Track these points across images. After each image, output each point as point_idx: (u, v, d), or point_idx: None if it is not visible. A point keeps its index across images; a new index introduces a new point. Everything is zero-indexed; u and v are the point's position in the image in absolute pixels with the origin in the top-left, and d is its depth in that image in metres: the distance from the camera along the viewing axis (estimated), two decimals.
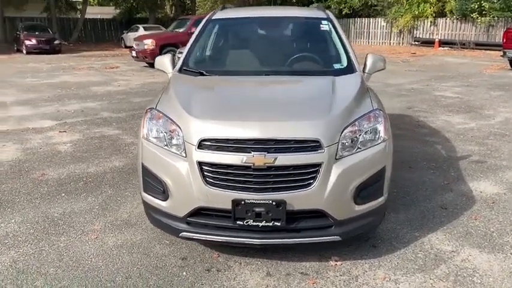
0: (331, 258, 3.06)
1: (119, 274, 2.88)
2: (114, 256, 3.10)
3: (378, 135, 2.90)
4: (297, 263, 3.02)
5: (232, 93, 3.36)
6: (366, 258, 3.08)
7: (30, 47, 22.11)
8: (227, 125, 2.73)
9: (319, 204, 2.69)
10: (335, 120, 2.76)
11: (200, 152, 2.69)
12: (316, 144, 2.65)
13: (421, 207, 3.90)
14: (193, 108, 2.90)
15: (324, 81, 3.31)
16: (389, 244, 3.27)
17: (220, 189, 2.67)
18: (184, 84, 3.47)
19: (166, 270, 2.92)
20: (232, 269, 2.94)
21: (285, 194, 2.64)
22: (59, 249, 3.18)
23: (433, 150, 5.60)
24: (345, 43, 3.78)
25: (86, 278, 2.83)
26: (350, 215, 2.80)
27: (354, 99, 3.03)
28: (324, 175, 2.66)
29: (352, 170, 2.74)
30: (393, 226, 3.55)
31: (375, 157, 2.86)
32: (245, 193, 2.64)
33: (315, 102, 3.01)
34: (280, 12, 4.50)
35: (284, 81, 3.48)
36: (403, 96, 9.81)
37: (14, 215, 3.73)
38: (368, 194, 2.85)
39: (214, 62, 3.93)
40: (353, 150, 2.79)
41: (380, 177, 2.89)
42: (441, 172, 4.80)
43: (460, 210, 3.84)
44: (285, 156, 2.62)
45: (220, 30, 4.20)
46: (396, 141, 5.88)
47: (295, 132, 2.66)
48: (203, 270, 2.93)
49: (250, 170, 2.63)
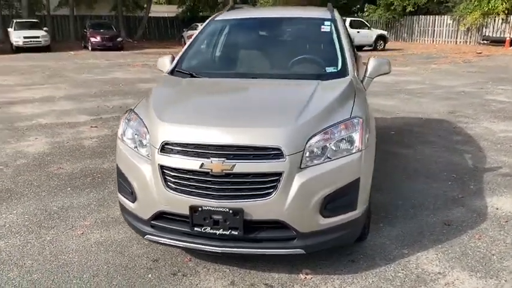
0: (302, 270, 2.94)
1: (88, 271, 2.94)
2: (91, 253, 3.17)
3: (352, 145, 2.73)
4: (265, 273, 2.92)
5: (207, 97, 3.31)
6: (340, 274, 2.92)
7: (94, 44, 23.34)
8: (188, 129, 2.69)
9: (280, 215, 2.58)
10: (301, 127, 2.63)
11: (162, 155, 2.67)
12: (277, 152, 2.54)
13: (421, 222, 3.64)
14: (162, 111, 2.90)
15: (305, 87, 3.16)
16: (370, 260, 3.08)
17: (180, 194, 2.64)
18: (166, 87, 3.48)
19: (134, 271, 2.94)
20: (199, 275, 2.91)
21: (243, 202, 2.56)
22: (44, 243, 3.31)
23: (459, 160, 5.21)
24: (343, 46, 3.59)
25: (56, 273, 2.92)
26: (315, 228, 2.65)
27: (330, 105, 2.88)
28: (285, 185, 2.54)
29: (317, 181, 2.60)
30: (382, 241, 3.34)
31: (347, 168, 2.69)
32: (203, 199, 2.59)
33: (285, 108, 2.89)
34: (285, 13, 4.38)
35: (266, 85, 3.37)
36: (450, 99, 9.23)
37: (17, 206, 3.94)
38: (337, 206, 2.69)
39: (206, 63, 3.89)
40: (321, 159, 2.64)
41: (353, 190, 2.72)
42: (459, 184, 4.46)
43: (465, 228, 3.54)
44: (243, 163, 2.54)
45: (219, 31, 4.16)
46: (421, 149, 5.60)
47: (256, 139, 2.56)
48: (169, 274, 2.92)
49: (208, 176, 2.57)
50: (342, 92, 3.07)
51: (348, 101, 2.99)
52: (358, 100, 3.08)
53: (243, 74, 3.54)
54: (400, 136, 6.31)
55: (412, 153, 5.48)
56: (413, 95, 9.84)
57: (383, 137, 6.19)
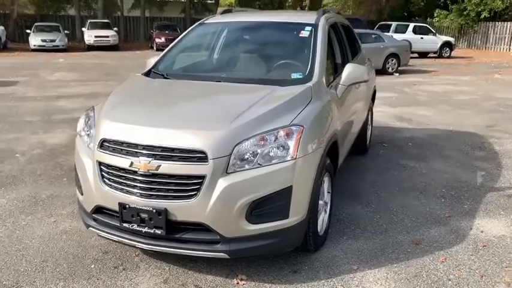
0: (238, 276, 2.92)
1: (40, 256, 3.13)
2: (53, 240, 3.37)
3: (286, 153, 2.68)
4: (202, 274, 2.94)
5: (159, 98, 3.37)
6: (275, 283, 2.87)
7: (159, 44, 24.36)
8: (123, 127, 2.78)
9: (202, 218, 2.59)
10: (229, 132, 2.62)
11: (100, 152, 2.79)
12: (201, 155, 2.56)
13: (389, 239, 3.46)
14: (109, 110, 3.02)
15: (259, 92, 3.13)
16: (314, 273, 2.99)
17: (112, 190, 2.74)
18: (128, 86, 3.61)
19: (80, 261, 3.09)
20: (138, 270, 2.99)
21: (166, 202, 2.61)
22: (16, 227, 3.56)
23: (468, 177, 4.86)
24: (316, 51, 3.50)
25: (12, 255, 3.14)
26: (241, 234, 2.64)
27: (272, 111, 2.83)
28: (208, 188, 2.55)
29: (242, 186, 2.58)
30: (336, 254, 3.23)
31: (277, 175, 2.64)
32: (131, 197, 2.67)
33: (222, 112, 2.88)
34: (271, 17, 4.32)
35: (221, 89, 3.37)
36: (495, 112, 8.61)
37: (12, 192, 4.27)
38: (265, 213, 2.65)
39: (180, 65, 3.96)
40: (251, 165, 2.62)
41: (283, 198, 2.66)
42: (453, 203, 4.17)
43: (433, 249, 3.32)
44: (168, 164, 2.58)
45: (202, 34, 4.23)
46: (433, 163, 5.29)
47: (181, 141, 2.60)
48: (111, 267, 3.03)
49: (136, 175, 2.65)
50: (291, 98, 3.01)
51: (295, 108, 2.92)
52: (310, 108, 3.00)
53: (209, 77, 3.58)
54: (417, 148, 6.00)
55: (420, 167, 5.20)
56: (456, 106, 9.28)
57: (398, 148, 5.94)
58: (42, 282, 2.84)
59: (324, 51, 3.55)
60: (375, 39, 14.96)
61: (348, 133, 4.05)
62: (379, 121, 7.65)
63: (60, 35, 23.26)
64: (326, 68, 3.52)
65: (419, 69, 16.76)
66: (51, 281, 2.84)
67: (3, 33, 23.86)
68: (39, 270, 2.96)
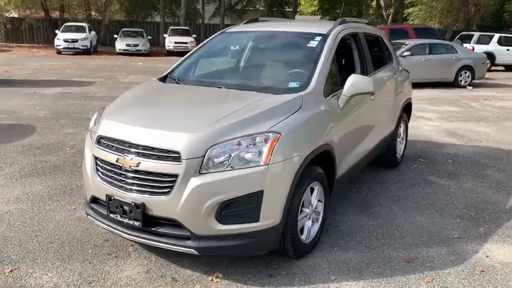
0: (215, 273, 3.05)
1: (49, 238, 3.48)
2: (66, 225, 3.72)
3: (259, 158, 2.77)
4: (182, 268, 3.11)
5: (160, 100, 3.57)
6: (248, 284, 2.96)
7: None
8: (116, 126, 3.05)
9: (174, 214, 2.76)
10: (204, 135, 2.77)
11: (96, 147, 3.09)
12: (176, 155, 2.73)
13: (381, 254, 3.39)
14: (113, 109, 3.32)
15: (250, 98, 3.23)
16: (289, 279, 3.03)
17: (103, 183, 3.01)
18: (139, 89, 3.88)
19: (81, 245, 3.39)
20: (127, 259, 3.23)
21: (144, 197, 2.81)
22: (40, 211, 3.98)
23: (498, 200, 4.56)
24: (318, 61, 3.54)
25: (27, 234, 3.53)
26: (211, 232, 2.77)
27: (253, 118, 2.93)
28: (180, 186, 2.72)
29: (213, 186, 2.71)
30: (320, 263, 3.23)
31: (248, 179, 2.74)
32: (116, 190, 2.92)
33: (204, 116, 3.03)
34: (288, 27, 4.37)
35: (218, 95, 3.50)
36: None
37: (49, 180, 4.75)
38: (234, 215, 2.76)
39: (194, 71, 4.15)
40: (223, 167, 2.75)
41: (253, 201, 2.75)
42: (468, 224, 3.96)
43: (424, 269, 3.20)
44: (147, 162, 2.79)
45: (221, 42, 4.41)
46: (465, 181, 5.06)
47: (159, 141, 2.79)
48: (106, 253, 3.30)
49: (122, 170, 2.90)
50: (277, 106, 3.09)
51: (279, 115, 2.99)
52: (295, 116, 3.06)
53: (214, 83, 3.74)
54: (455, 165, 5.71)
55: (449, 185, 4.96)
56: None
57: (434, 164, 5.69)
58: (42, 260, 3.17)
59: (327, 61, 3.57)
60: (447, 51, 14.24)
61: (356, 145, 4.00)
62: (427, 135, 7.37)
63: (143, 40, 24.86)
64: (328, 78, 3.54)
65: (498, 83, 15.67)
66: (50, 261, 3.17)
67: (95, 37, 26.00)
68: (44, 250, 3.31)
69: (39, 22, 30.40)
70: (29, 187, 4.53)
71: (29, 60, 19.53)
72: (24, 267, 3.08)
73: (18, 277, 2.97)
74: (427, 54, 13.75)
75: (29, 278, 2.96)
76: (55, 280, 2.94)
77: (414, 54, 13.65)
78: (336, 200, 4.36)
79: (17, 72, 14.57)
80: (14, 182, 4.68)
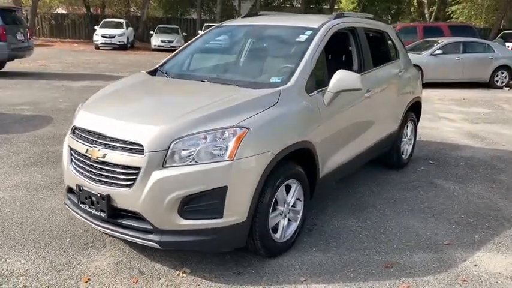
0: (183, 268, 3.03)
1: (33, 225, 3.55)
2: (52, 214, 3.78)
3: (224, 153, 2.71)
4: (152, 262, 3.10)
5: (134, 93, 3.55)
6: (214, 281, 2.91)
7: None
8: (89, 117, 3.07)
9: (137, 207, 2.75)
10: (168, 128, 2.73)
11: (71, 137, 3.12)
12: (139, 148, 2.71)
13: (360, 258, 3.26)
14: (89, 101, 3.35)
15: (226, 92, 3.16)
16: (256, 278, 2.96)
17: (75, 173, 3.04)
18: (123, 81, 3.88)
19: (61, 235, 3.44)
20: (101, 249, 3.25)
21: (109, 189, 2.82)
22: (33, 199, 4.08)
23: (505, 207, 4.30)
24: (304, 56, 3.43)
25: (13, 222, 3.61)
26: (173, 227, 2.73)
27: (223, 112, 2.87)
28: (143, 179, 2.70)
29: (175, 180, 2.67)
30: (293, 264, 3.14)
31: (212, 174, 2.69)
32: (85, 181, 2.94)
33: (172, 109, 3.00)
34: (281, 21, 4.26)
35: (195, 88, 3.44)
36: None
37: (50, 169, 4.87)
38: (197, 210, 2.72)
39: (185, 65, 4.11)
40: (187, 161, 2.71)
41: (216, 196, 2.70)
42: (464, 231, 3.75)
43: (401, 275, 3.05)
44: (112, 153, 2.79)
45: (216, 36, 4.35)
46: (473, 186, 4.82)
47: (124, 133, 2.78)
48: (83, 243, 3.34)
49: (91, 161, 2.91)
50: (250, 100, 3.02)
51: (251, 110, 2.92)
52: (269, 111, 2.97)
53: (198, 77, 3.70)
54: (467, 169, 5.43)
55: (454, 189, 4.72)
56: None
57: (445, 167, 5.45)
58: (20, 247, 3.24)
59: (313, 56, 3.46)
60: (483, 49, 13.62)
61: (346, 143, 3.86)
62: (445, 137, 7.06)
63: (178, 37, 25.23)
64: (314, 74, 3.43)
65: None
66: (27, 248, 3.24)
67: (132, 33, 26.63)
68: (24, 237, 3.39)
69: (81, 18, 31.46)
70: (29, 176, 4.66)
71: (67, 54, 20.26)
72: (0, 253, 3.15)
73: None
74: (460, 53, 13.21)
75: (2, 264, 3.02)
76: (26, 267, 3.00)
77: (447, 52, 13.15)
78: (328, 200, 4.25)
79: (52, 66, 15.12)
80: (17, 170, 4.82)
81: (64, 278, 2.89)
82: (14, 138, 5.97)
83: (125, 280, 2.90)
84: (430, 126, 7.79)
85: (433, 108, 9.77)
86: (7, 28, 11.47)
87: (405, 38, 16.63)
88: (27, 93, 9.45)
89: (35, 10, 29.11)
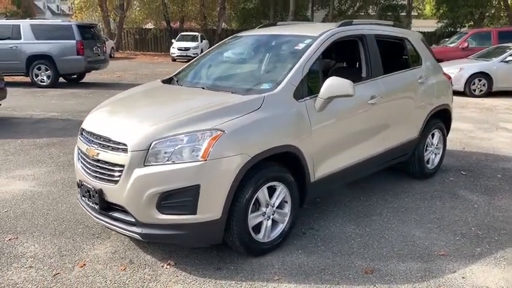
0: (169, 260, 3.27)
1: (39, 214, 4.01)
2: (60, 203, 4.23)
3: (197, 153, 2.92)
4: (144, 254, 3.38)
5: (139, 99, 3.86)
6: (193, 274, 3.10)
7: None
8: (93, 120, 3.45)
9: (121, 201, 3.04)
10: (149, 130, 3.00)
11: (79, 138, 3.52)
12: (124, 147, 3.01)
13: (343, 262, 3.28)
14: (99, 106, 3.73)
15: (215, 98, 3.39)
16: (233, 274, 3.12)
17: (80, 170, 3.42)
18: (135, 89, 4.22)
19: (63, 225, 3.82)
20: (105, 240, 3.60)
21: (101, 184, 3.14)
22: (62, 195, 4.58)
23: None
24: (296, 63, 3.54)
25: (20, 207, 4.11)
26: (153, 221, 2.98)
27: (204, 115, 3.07)
28: (126, 176, 2.99)
29: (153, 178, 2.92)
30: (273, 263, 3.25)
31: (185, 173, 2.90)
32: (85, 176, 3.30)
33: (160, 113, 3.26)
34: (288, 30, 4.35)
35: (191, 94, 3.68)
36: None
37: None
38: (172, 206, 2.94)
39: (196, 72, 4.36)
40: (165, 160, 2.96)
41: (190, 194, 2.90)
42: (467, 243, 3.60)
43: (379, 281, 3.04)
44: (104, 152, 3.13)
45: (227, 45, 4.56)
46: (499, 199, 4.65)
47: (114, 134, 3.11)
48: (91, 233, 3.71)
49: (89, 158, 3.27)
50: (233, 105, 3.20)
51: (231, 114, 3.10)
52: (249, 116, 3.13)
53: (201, 84, 3.95)
54: (501, 181, 5.12)
55: (477, 201, 4.50)
56: None
57: (476, 178, 5.19)
58: (38, 234, 3.68)
59: (305, 63, 3.55)
60: None
61: (346, 149, 3.87)
62: (493, 147, 6.67)
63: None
64: (307, 80, 3.53)
65: None
66: (44, 235, 3.67)
67: (206, 45, 27.76)
68: (45, 226, 3.83)
69: (162, 32, 33.50)
70: (69, 174, 5.19)
71: (144, 66, 21.69)
72: (21, 238, 3.62)
73: (12, 245, 3.50)
74: None
75: (19, 247, 3.47)
76: (37, 251, 3.42)
77: None
78: (334, 205, 4.28)
79: (127, 77, 16.33)
80: (61, 168, 5.40)
81: (64, 262, 3.26)
82: (69, 141, 6.66)
83: (114, 267, 3.20)
84: (481, 137, 7.37)
85: (496, 118, 9.19)
86: (85, 43, 12.66)
87: (478, 45, 15.76)
88: (95, 102, 10.35)
89: (121, 25, 31.55)
